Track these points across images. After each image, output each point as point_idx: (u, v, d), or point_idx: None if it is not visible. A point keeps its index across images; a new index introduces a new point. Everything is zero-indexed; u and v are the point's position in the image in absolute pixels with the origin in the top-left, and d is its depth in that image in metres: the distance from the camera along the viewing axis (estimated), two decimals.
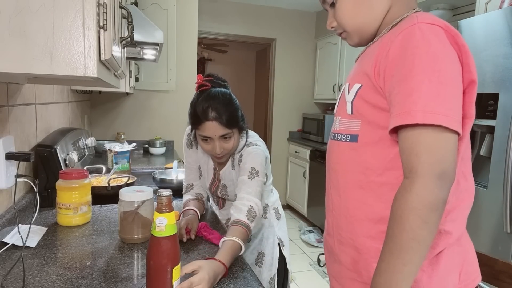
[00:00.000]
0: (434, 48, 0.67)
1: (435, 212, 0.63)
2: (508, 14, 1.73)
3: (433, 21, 0.70)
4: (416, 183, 0.64)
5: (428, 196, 0.63)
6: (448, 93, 0.65)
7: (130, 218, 1.11)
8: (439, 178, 0.63)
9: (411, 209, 0.63)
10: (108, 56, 0.78)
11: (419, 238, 0.64)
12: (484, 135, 1.91)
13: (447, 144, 0.64)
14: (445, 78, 0.66)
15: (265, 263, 1.43)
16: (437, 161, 0.63)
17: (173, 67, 3.05)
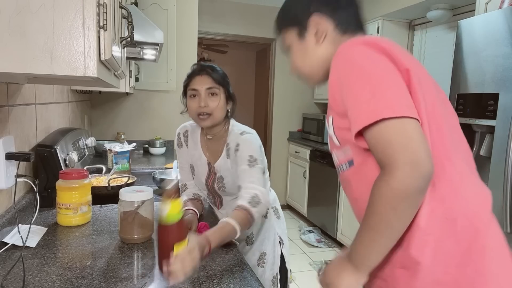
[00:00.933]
0: (358, 61, 0.75)
1: (405, 200, 0.66)
2: (508, 14, 1.73)
3: (354, 43, 0.78)
4: (386, 174, 0.67)
5: (399, 184, 0.65)
6: (385, 89, 0.70)
7: (130, 218, 1.11)
8: (410, 166, 0.64)
9: (383, 196, 0.68)
10: (108, 56, 0.78)
11: (386, 222, 0.68)
12: (484, 135, 1.91)
13: (405, 132, 0.66)
14: (377, 79, 0.71)
15: (267, 263, 1.43)
16: (402, 150, 0.65)
17: (173, 67, 3.05)
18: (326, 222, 3.76)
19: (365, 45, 0.76)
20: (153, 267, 0.98)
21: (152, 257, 1.04)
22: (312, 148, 4.09)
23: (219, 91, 1.31)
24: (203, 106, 1.27)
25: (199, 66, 1.34)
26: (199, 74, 1.30)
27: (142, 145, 3.12)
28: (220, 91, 1.31)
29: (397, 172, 0.65)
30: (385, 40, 0.78)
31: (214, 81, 1.29)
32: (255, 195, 1.17)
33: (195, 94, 1.30)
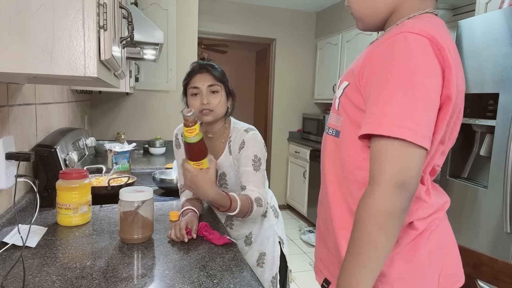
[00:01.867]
0: (415, 60, 0.67)
1: (393, 220, 0.66)
2: (508, 14, 1.73)
3: (421, 31, 0.69)
4: (375, 191, 0.66)
5: (386, 204, 0.65)
6: (421, 108, 0.66)
7: (130, 218, 1.11)
8: (398, 188, 0.65)
9: (369, 215, 0.66)
10: (108, 56, 0.78)
11: (375, 243, 0.66)
12: (484, 135, 1.91)
13: (411, 157, 0.66)
14: (420, 93, 0.66)
15: (267, 263, 1.43)
16: (398, 172, 0.65)
17: (173, 67, 3.05)
18: None
19: (433, 45, 0.68)
20: (153, 267, 0.98)
21: (152, 257, 1.04)
22: (312, 148, 4.09)
23: (220, 88, 1.33)
24: (206, 103, 1.29)
25: (198, 64, 1.35)
26: (199, 72, 1.32)
27: (142, 145, 3.12)
28: (221, 88, 1.33)
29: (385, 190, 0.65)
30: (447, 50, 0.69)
31: (215, 78, 1.31)
32: (259, 198, 1.27)
33: (196, 93, 1.31)
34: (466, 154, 2.06)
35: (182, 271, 0.96)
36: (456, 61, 0.72)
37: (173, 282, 0.90)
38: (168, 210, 1.46)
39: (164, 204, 1.56)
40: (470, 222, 1.89)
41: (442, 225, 0.83)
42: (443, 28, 0.76)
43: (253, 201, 1.25)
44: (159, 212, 1.44)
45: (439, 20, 0.79)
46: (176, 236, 1.14)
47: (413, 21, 0.73)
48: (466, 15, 2.62)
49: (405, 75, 0.67)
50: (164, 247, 1.11)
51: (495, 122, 1.76)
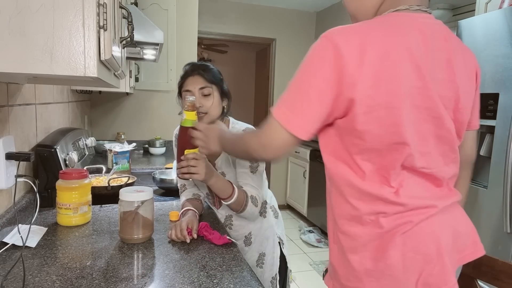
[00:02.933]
0: (309, 61, 0.79)
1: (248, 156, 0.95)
2: (508, 14, 1.73)
3: (331, 37, 0.76)
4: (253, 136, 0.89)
5: (248, 146, 0.90)
6: (297, 101, 0.79)
7: (130, 218, 1.11)
8: (261, 147, 0.86)
9: (244, 142, 0.93)
10: (108, 56, 0.78)
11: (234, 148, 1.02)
12: (484, 135, 1.91)
13: (279, 133, 0.81)
14: (302, 89, 0.79)
15: (266, 263, 1.43)
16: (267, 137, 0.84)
17: (173, 67, 3.05)
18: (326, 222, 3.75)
19: (332, 49, 0.75)
20: (153, 267, 0.98)
21: (152, 257, 1.04)
22: (312, 148, 4.09)
23: (212, 90, 1.32)
24: (198, 106, 1.28)
25: (191, 66, 1.36)
26: (191, 75, 1.33)
27: (142, 145, 3.12)
28: (213, 89, 1.32)
29: (255, 141, 0.88)
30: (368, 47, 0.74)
31: (206, 80, 1.31)
32: (254, 197, 1.30)
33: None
34: None
35: (182, 271, 0.96)
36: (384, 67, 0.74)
37: (173, 282, 0.90)
38: (168, 210, 1.46)
39: (164, 204, 1.56)
40: None
41: (423, 230, 0.79)
42: (383, 30, 0.77)
43: (248, 197, 1.28)
44: (159, 212, 1.44)
45: (393, 21, 0.80)
46: (177, 237, 1.14)
47: (346, 26, 0.79)
48: (466, 15, 2.62)
49: (300, 71, 0.80)
50: (164, 247, 1.11)
51: (495, 122, 1.76)
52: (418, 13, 0.82)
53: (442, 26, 0.84)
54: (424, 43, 0.78)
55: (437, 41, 0.81)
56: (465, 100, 0.85)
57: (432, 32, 0.81)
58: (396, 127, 0.76)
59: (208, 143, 1.14)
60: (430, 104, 0.78)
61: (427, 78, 0.77)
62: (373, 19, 0.83)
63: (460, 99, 0.83)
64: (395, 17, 0.80)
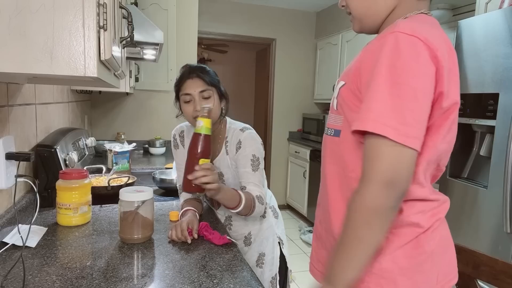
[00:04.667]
0: (403, 60, 0.68)
1: (379, 217, 0.68)
2: (508, 14, 1.73)
3: (413, 31, 0.69)
4: (364, 187, 0.68)
5: (373, 201, 0.66)
6: (406, 108, 0.67)
7: (130, 218, 1.11)
8: (386, 186, 0.66)
9: (357, 211, 0.69)
10: (108, 56, 0.78)
11: (360, 237, 0.69)
12: (484, 135, 1.91)
13: (399, 156, 0.66)
14: (406, 93, 0.67)
15: (266, 263, 1.43)
16: (387, 170, 0.66)
17: (173, 67, 3.05)
18: None
19: (426, 46, 0.68)
20: (153, 267, 0.98)
21: (152, 257, 1.04)
22: (312, 148, 4.09)
23: (212, 92, 1.30)
24: (199, 110, 1.26)
25: (188, 68, 1.31)
26: (189, 78, 1.28)
27: (142, 145, 3.12)
28: (213, 92, 1.30)
29: (373, 187, 0.67)
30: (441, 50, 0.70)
31: (206, 83, 1.28)
32: (260, 196, 1.29)
33: (189, 100, 1.29)
34: (466, 154, 2.06)
35: (182, 271, 0.96)
36: (450, 61, 0.73)
37: (173, 282, 0.90)
38: (168, 210, 1.46)
39: (164, 204, 1.56)
40: (470, 222, 1.89)
41: (444, 224, 0.84)
42: (436, 28, 0.77)
43: (255, 198, 1.27)
44: (159, 212, 1.44)
45: (433, 20, 0.80)
46: (177, 237, 1.14)
47: (407, 21, 0.73)
48: (466, 15, 2.62)
49: (392, 74, 0.68)
50: (164, 247, 1.11)
51: (495, 122, 1.76)
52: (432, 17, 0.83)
53: None
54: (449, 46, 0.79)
55: None
56: None
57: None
58: (454, 125, 0.77)
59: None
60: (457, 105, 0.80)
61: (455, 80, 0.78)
62: (410, 18, 0.77)
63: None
64: (429, 18, 0.79)
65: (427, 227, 0.79)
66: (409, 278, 0.78)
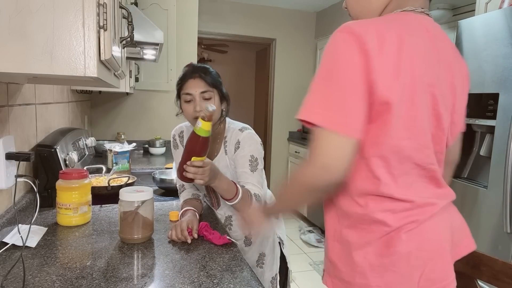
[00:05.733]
0: (333, 54, 0.74)
1: (309, 193, 0.79)
2: (508, 14, 1.73)
3: (349, 29, 0.73)
4: (305, 166, 0.76)
5: (307, 179, 0.76)
6: (332, 96, 0.71)
7: (130, 218, 1.11)
8: (320, 169, 0.72)
9: (296, 181, 0.80)
10: (108, 56, 0.78)
11: (291, 199, 0.88)
12: (484, 135, 1.91)
13: (331, 142, 0.72)
14: (334, 83, 0.72)
15: (267, 263, 1.43)
16: (321, 155, 0.72)
17: (173, 67, 3.05)
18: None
19: (355, 40, 0.72)
20: (153, 267, 0.98)
21: (152, 257, 1.04)
22: None
23: (213, 94, 1.30)
24: (199, 110, 1.26)
25: (191, 68, 1.32)
26: (191, 78, 1.29)
27: (142, 145, 3.12)
28: (214, 93, 1.30)
29: (309, 167, 0.74)
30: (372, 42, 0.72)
31: (208, 84, 1.28)
32: (258, 194, 1.29)
33: (190, 99, 1.29)
34: (466, 154, 2.06)
35: (182, 271, 0.96)
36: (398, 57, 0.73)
37: (173, 282, 0.90)
38: (168, 210, 1.46)
39: (164, 204, 1.56)
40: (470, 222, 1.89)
41: (427, 228, 0.81)
42: (396, 25, 0.77)
43: (252, 195, 1.28)
44: (159, 212, 1.44)
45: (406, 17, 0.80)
46: (177, 237, 1.14)
47: (359, 20, 0.77)
48: (466, 15, 2.62)
49: (324, 68, 0.74)
50: (164, 247, 1.11)
51: (495, 122, 1.76)
52: (422, 15, 0.83)
53: (441, 30, 0.86)
54: (431, 43, 0.80)
55: (441, 42, 0.83)
56: (460, 102, 0.87)
57: (437, 34, 0.83)
58: (409, 121, 0.76)
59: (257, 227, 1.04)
60: (434, 102, 0.79)
61: (434, 76, 0.78)
62: (382, 17, 0.83)
63: (457, 101, 0.86)
64: (404, 16, 0.81)
65: (396, 227, 0.79)
66: (380, 276, 0.80)
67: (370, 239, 0.81)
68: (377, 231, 0.80)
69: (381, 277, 0.80)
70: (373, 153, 0.77)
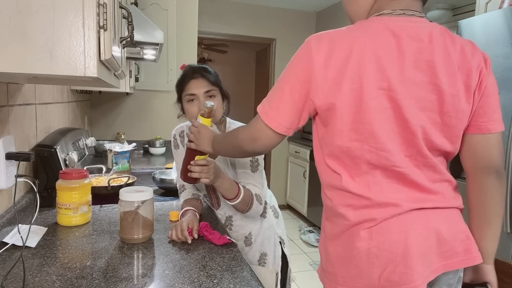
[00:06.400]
0: (290, 61, 0.88)
1: (236, 149, 1.01)
2: (508, 14, 1.73)
3: (311, 38, 0.85)
4: (243, 129, 0.99)
5: (241, 141, 0.98)
6: (273, 97, 0.89)
7: (130, 218, 1.11)
8: (250, 139, 0.95)
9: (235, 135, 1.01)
10: (108, 56, 0.78)
11: (228, 145, 1.05)
12: None
13: (262, 127, 0.90)
14: (278, 86, 0.89)
15: (268, 263, 1.43)
16: (254, 131, 0.94)
17: (173, 67, 3.05)
18: None
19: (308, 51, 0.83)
20: (153, 267, 0.98)
21: (152, 257, 1.04)
22: (312, 148, 4.09)
23: (217, 92, 1.31)
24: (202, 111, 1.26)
25: (191, 69, 1.32)
26: (193, 78, 1.29)
27: (142, 145, 3.12)
28: (217, 91, 1.31)
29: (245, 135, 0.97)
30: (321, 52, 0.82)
31: (211, 83, 1.29)
32: (258, 195, 1.29)
33: (193, 99, 1.29)
34: None
35: (182, 271, 0.96)
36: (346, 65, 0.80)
37: (173, 282, 0.90)
38: (168, 210, 1.46)
39: (164, 204, 1.56)
40: None
41: (390, 229, 0.81)
42: (354, 33, 0.82)
43: (253, 195, 1.28)
44: (159, 212, 1.44)
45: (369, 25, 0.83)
46: (177, 237, 1.13)
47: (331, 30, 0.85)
48: (466, 15, 2.62)
49: (284, 70, 0.89)
50: (164, 247, 1.11)
51: None
52: (401, 17, 0.83)
53: (431, 28, 0.83)
54: (397, 45, 0.80)
55: (416, 43, 0.80)
56: (452, 103, 0.82)
57: (412, 35, 0.81)
58: (357, 124, 0.81)
59: (200, 142, 1.15)
60: (394, 106, 0.80)
61: (392, 80, 0.79)
62: (354, 25, 0.88)
63: (445, 102, 0.82)
64: (370, 22, 0.85)
65: (355, 222, 0.84)
66: (344, 267, 0.86)
67: (337, 232, 0.88)
68: (340, 224, 0.87)
69: (345, 269, 0.86)
70: (327, 152, 0.88)
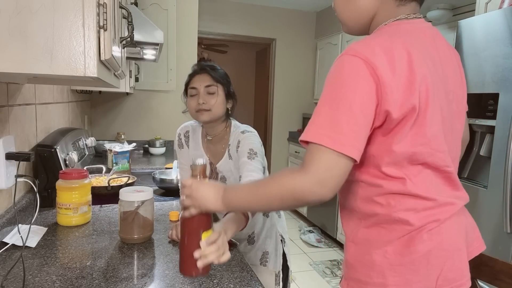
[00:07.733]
0: (343, 78, 0.74)
1: (293, 202, 0.75)
2: (508, 14, 1.73)
3: (355, 52, 0.74)
4: (301, 175, 0.73)
5: (299, 189, 0.73)
6: (341, 120, 0.73)
7: (130, 218, 1.11)
8: (317, 184, 0.72)
9: (282, 184, 0.75)
10: (108, 56, 0.78)
11: (268, 201, 0.78)
12: (484, 135, 1.91)
13: (335, 161, 0.72)
14: (343, 106, 0.73)
15: (270, 261, 1.43)
16: (323, 171, 0.72)
17: (173, 67, 3.05)
18: (326, 222, 3.76)
19: (364, 64, 0.73)
20: (153, 267, 0.98)
21: (152, 257, 1.04)
22: None
23: (217, 89, 1.31)
24: (202, 103, 1.28)
25: (199, 65, 1.35)
26: (199, 73, 1.33)
27: (142, 145, 3.12)
28: (218, 88, 1.32)
29: (307, 179, 0.72)
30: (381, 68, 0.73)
31: (213, 79, 1.31)
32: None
33: (195, 94, 1.31)
34: (466, 154, 2.06)
35: None
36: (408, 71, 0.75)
37: (173, 282, 0.90)
38: (168, 210, 1.46)
39: (164, 204, 1.56)
40: None
41: (447, 227, 0.83)
42: (399, 38, 0.78)
43: None
44: (159, 212, 1.44)
45: (404, 27, 0.82)
46: (177, 237, 1.13)
47: (361, 40, 0.77)
48: (466, 15, 2.62)
49: (333, 90, 0.75)
50: (164, 247, 1.11)
51: (495, 122, 1.76)
52: (415, 19, 0.85)
53: (434, 27, 0.89)
54: (432, 46, 0.82)
55: (439, 41, 0.86)
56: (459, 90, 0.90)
57: (434, 35, 0.85)
58: (422, 128, 0.78)
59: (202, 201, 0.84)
60: (443, 104, 0.81)
61: (442, 77, 0.82)
62: (380, 30, 0.83)
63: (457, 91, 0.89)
64: (401, 25, 0.82)
65: (419, 226, 0.80)
66: (399, 274, 0.80)
67: (390, 238, 0.81)
68: (399, 230, 0.81)
69: (400, 276, 0.80)
70: (387, 161, 0.79)
